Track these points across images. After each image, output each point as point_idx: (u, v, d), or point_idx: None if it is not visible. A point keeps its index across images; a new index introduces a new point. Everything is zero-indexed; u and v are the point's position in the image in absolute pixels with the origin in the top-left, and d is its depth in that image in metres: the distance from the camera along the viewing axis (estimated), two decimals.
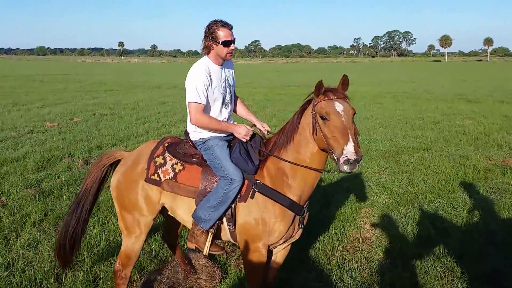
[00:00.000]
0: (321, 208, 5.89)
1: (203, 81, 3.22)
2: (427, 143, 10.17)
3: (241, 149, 3.30)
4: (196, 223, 3.35)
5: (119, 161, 3.75)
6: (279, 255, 3.64)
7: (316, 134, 3.01)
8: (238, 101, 3.79)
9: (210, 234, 3.36)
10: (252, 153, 3.32)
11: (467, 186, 6.77)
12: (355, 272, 4.26)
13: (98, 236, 4.92)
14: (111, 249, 4.66)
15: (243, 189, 3.26)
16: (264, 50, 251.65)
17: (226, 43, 3.25)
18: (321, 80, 3.07)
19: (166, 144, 3.56)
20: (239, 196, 3.25)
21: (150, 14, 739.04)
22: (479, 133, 11.26)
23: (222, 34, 3.23)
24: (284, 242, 3.42)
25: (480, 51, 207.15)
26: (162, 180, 3.41)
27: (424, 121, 13.58)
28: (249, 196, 3.24)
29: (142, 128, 12.52)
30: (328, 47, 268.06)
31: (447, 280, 4.07)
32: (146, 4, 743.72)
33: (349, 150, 2.77)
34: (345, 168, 2.80)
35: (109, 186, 3.80)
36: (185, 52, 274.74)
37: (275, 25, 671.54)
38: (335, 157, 2.85)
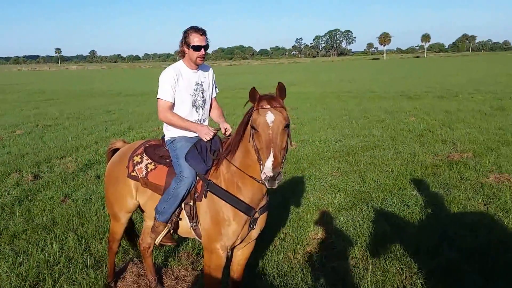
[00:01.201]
0: (280, 211, 6.02)
1: (169, 81, 3.60)
2: (375, 141, 10.61)
3: (197, 149, 3.54)
4: (155, 216, 3.67)
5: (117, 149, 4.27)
6: (240, 253, 3.74)
7: (250, 144, 3.11)
8: (214, 105, 4.05)
9: (166, 227, 3.63)
10: (207, 154, 3.52)
11: (416, 183, 7.15)
12: (317, 274, 4.40)
13: (57, 253, 4.90)
14: (73, 267, 4.61)
15: (198, 188, 3.49)
16: (207, 53, 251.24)
17: (196, 48, 3.58)
18: (254, 88, 3.08)
19: (147, 145, 3.94)
20: (196, 195, 3.48)
21: (88, 19, 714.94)
22: (423, 129, 11.90)
23: (193, 39, 3.57)
24: (241, 242, 3.53)
25: (417, 47, 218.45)
26: (140, 177, 3.78)
27: (370, 120, 14.12)
28: (203, 195, 3.43)
29: (90, 138, 12.28)
30: (271, 48, 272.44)
31: (406, 277, 4.30)
32: (83, 8, 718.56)
33: (267, 166, 2.81)
34: (266, 183, 2.86)
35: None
36: (125, 57, 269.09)
37: (217, 27, 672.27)
38: (261, 170, 2.91)
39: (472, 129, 11.70)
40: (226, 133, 3.73)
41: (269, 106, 2.99)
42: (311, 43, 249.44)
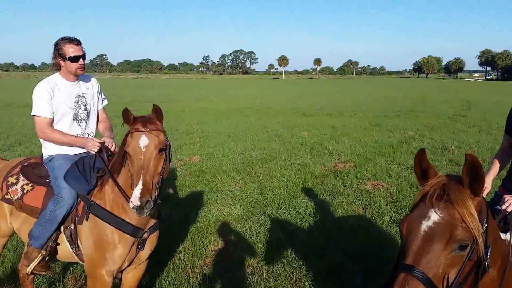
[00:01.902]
0: (180, 225, 5.81)
1: (44, 95, 3.19)
2: (273, 154, 10.79)
3: (78, 168, 3.12)
4: (28, 241, 3.19)
5: None
6: (130, 276, 3.38)
7: (125, 167, 2.88)
8: (103, 118, 3.64)
9: (40, 254, 3.14)
10: (90, 172, 3.12)
11: (307, 191, 7.38)
12: (214, 285, 4.28)
13: None
14: None
15: (79, 210, 3.07)
16: (112, 64, 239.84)
17: (73, 59, 3.21)
18: (127, 108, 2.82)
19: (25, 164, 3.43)
20: (77, 217, 3.06)
21: None
22: (314, 142, 12.38)
23: (68, 50, 3.19)
24: (130, 265, 3.20)
25: (311, 70, 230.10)
26: (14, 200, 3.27)
27: (269, 134, 14.38)
28: (85, 218, 3.03)
29: None
30: (179, 63, 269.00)
31: (296, 280, 4.35)
32: None
33: (134, 194, 2.59)
34: (134, 212, 2.64)
35: None
36: (19, 66, 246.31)
37: (123, 39, 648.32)
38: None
39: (354, 142, 12.42)
40: (111, 147, 3.32)
41: (143, 130, 2.75)
42: (218, 61, 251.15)
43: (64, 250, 3.21)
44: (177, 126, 16.37)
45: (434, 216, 1.66)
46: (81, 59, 3.24)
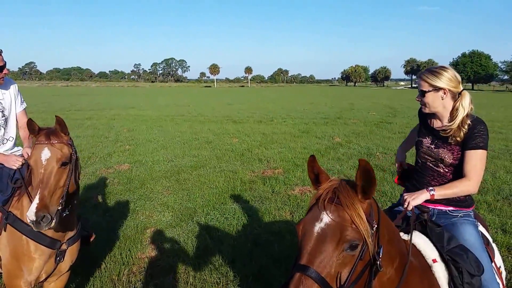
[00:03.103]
0: (107, 233, 5.59)
1: None
2: (203, 161, 10.74)
3: None
4: None
5: None
6: (52, 287, 3.27)
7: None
8: (22, 124, 3.47)
9: None
10: (7, 182, 3.00)
11: (236, 197, 7.43)
12: None
13: None
14: None
15: None
16: (41, 72, 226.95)
17: None
18: (30, 119, 2.74)
19: None
20: None
21: None
22: (244, 149, 12.50)
23: None
24: (49, 276, 3.09)
25: (243, 78, 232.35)
26: None
27: (199, 141, 14.29)
28: (2, 229, 2.93)
29: None
30: (110, 71, 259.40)
31: (222, 285, 4.36)
32: None
33: (31, 208, 2.50)
34: (32, 226, 2.55)
35: None
36: None
37: (52, 47, 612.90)
38: None
39: (283, 148, 12.70)
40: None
41: (46, 142, 2.67)
42: (149, 69, 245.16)
43: None
44: (107, 133, 15.75)
45: (326, 218, 1.74)
46: (5, 69, 3.15)
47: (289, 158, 11.12)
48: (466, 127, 2.52)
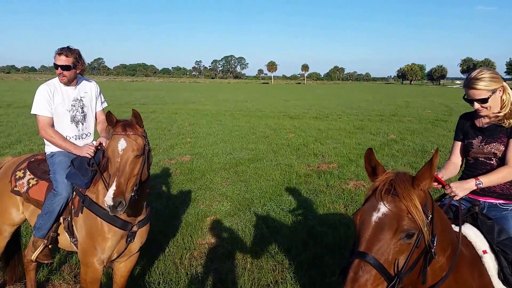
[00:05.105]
0: (170, 220, 5.86)
1: (44, 96, 3.37)
2: (260, 154, 10.88)
3: (74, 165, 3.24)
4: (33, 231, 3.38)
5: None
6: (122, 266, 3.48)
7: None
8: (101, 119, 3.73)
9: (42, 243, 3.33)
10: (85, 167, 3.22)
11: (291, 190, 7.47)
12: (201, 276, 4.34)
13: None
14: None
15: (76, 203, 3.21)
16: (108, 68, 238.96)
17: (54, 66, 3.41)
18: (110, 112, 2.89)
19: (32, 160, 3.58)
20: (73, 210, 3.21)
21: None
22: (300, 144, 12.50)
23: (55, 58, 3.39)
24: (119, 256, 3.29)
25: (299, 75, 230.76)
26: (22, 192, 3.43)
27: (257, 135, 14.46)
28: (80, 211, 3.17)
29: None
30: (172, 67, 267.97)
31: (278, 272, 4.43)
32: None
33: (108, 194, 2.65)
34: (108, 210, 2.70)
35: None
36: (20, 68, 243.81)
37: (119, 44, 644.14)
38: None
39: (338, 144, 12.56)
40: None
41: (122, 133, 2.81)
42: (209, 66, 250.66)
43: (64, 240, 3.36)
44: (170, 127, 16.38)
45: (383, 208, 1.79)
46: (59, 68, 3.36)
47: (344, 153, 10.98)
48: None
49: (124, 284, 3.53)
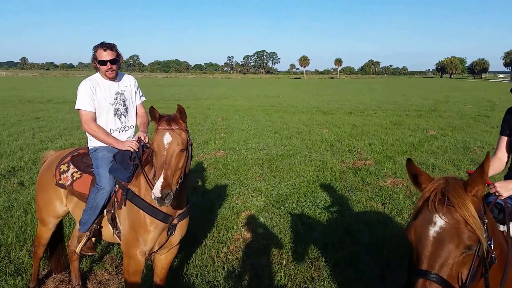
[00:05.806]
0: (206, 214, 5.94)
1: (87, 91, 3.44)
2: (294, 150, 10.83)
3: (116, 160, 3.33)
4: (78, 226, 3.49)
5: None
6: (163, 258, 3.56)
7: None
8: (141, 113, 3.84)
9: (85, 236, 3.43)
10: (127, 161, 3.30)
11: (326, 186, 7.40)
12: (237, 270, 4.38)
13: None
14: None
15: (119, 197, 3.30)
16: (143, 64, 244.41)
17: (101, 63, 3.45)
18: (152, 106, 2.94)
19: (75, 154, 3.71)
20: (116, 203, 3.30)
21: (19, 25, 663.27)
22: (334, 140, 12.35)
23: (99, 54, 3.44)
24: (160, 248, 3.37)
25: (332, 69, 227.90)
26: (66, 185, 3.54)
27: (290, 131, 14.39)
28: (123, 204, 3.26)
29: (15, 145, 11.08)
30: (205, 63, 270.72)
31: (315, 269, 4.41)
32: (15, 14, 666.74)
33: (156, 186, 2.71)
34: (156, 202, 2.76)
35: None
36: (58, 65, 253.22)
37: (154, 41, 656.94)
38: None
39: (374, 140, 12.32)
40: (145, 141, 3.50)
41: (167, 128, 2.87)
42: (241, 61, 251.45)
43: (107, 232, 3.47)
44: (203, 122, 16.58)
45: (439, 221, 1.71)
46: (108, 63, 3.43)
47: (380, 150, 10.76)
48: None
49: (165, 275, 3.61)
